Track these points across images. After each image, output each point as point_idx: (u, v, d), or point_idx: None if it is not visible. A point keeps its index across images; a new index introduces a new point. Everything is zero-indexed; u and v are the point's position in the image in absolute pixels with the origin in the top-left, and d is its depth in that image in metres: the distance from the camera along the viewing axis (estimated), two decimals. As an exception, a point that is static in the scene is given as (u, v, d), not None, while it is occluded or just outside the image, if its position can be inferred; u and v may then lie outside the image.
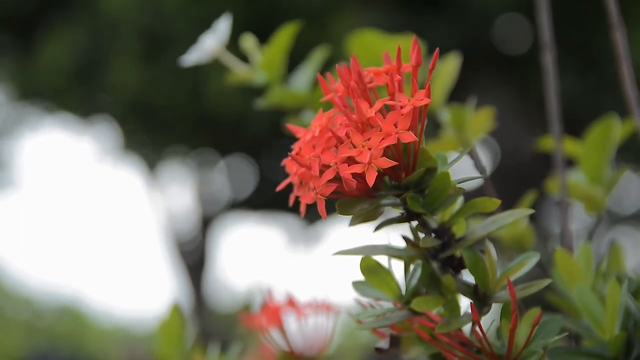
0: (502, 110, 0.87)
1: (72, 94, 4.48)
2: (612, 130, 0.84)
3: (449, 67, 0.86)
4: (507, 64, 4.18)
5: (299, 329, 0.83)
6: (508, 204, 0.62)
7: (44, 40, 4.29)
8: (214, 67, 3.77)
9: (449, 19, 3.74)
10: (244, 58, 0.90)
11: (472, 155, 0.80)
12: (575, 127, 1.23)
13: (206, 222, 5.86)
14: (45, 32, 4.30)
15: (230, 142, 4.79)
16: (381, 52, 0.61)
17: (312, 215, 5.44)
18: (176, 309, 0.81)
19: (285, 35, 0.87)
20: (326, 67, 0.88)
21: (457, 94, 0.91)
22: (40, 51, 4.30)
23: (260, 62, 0.88)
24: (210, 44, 0.86)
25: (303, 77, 0.88)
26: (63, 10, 4.27)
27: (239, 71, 0.89)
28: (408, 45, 0.60)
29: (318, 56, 0.88)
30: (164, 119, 4.40)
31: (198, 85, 3.97)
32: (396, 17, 3.60)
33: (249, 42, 0.89)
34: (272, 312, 0.81)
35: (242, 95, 3.84)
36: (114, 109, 4.60)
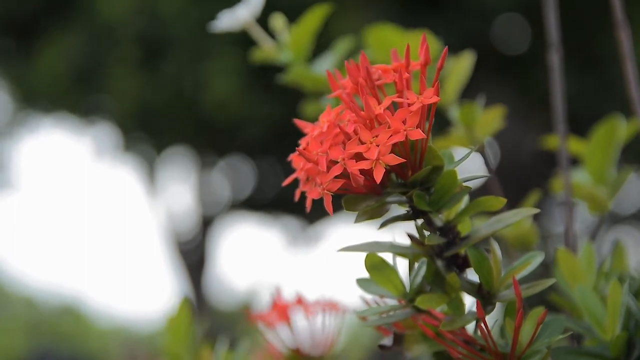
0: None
1: (70, 97, 4.48)
2: (617, 131, 0.84)
3: (463, 64, 0.86)
4: (506, 64, 4.18)
5: (305, 328, 0.83)
6: (508, 203, 0.62)
7: (42, 45, 4.29)
8: (212, 70, 3.78)
9: (448, 19, 3.74)
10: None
11: (482, 153, 0.80)
12: (574, 126, 1.23)
13: (206, 222, 5.86)
14: (44, 38, 4.30)
15: (229, 143, 4.79)
16: (397, 47, 0.61)
17: (312, 216, 5.44)
18: (184, 305, 0.80)
19: (314, 17, 0.87)
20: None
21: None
22: (39, 56, 4.30)
23: (288, 41, 0.87)
24: (243, 14, 0.86)
25: (326, 62, 0.88)
26: (62, 16, 4.27)
27: (266, 47, 0.88)
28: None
29: (342, 45, 0.88)
30: (163, 122, 4.40)
31: (196, 88, 3.97)
32: (396, 16, 3.59)
33: (278, 21, 0.88)
34: (281, 309, 0.81)
35: (241, 98, 3.84)
36: (112, 111, 4.60)
